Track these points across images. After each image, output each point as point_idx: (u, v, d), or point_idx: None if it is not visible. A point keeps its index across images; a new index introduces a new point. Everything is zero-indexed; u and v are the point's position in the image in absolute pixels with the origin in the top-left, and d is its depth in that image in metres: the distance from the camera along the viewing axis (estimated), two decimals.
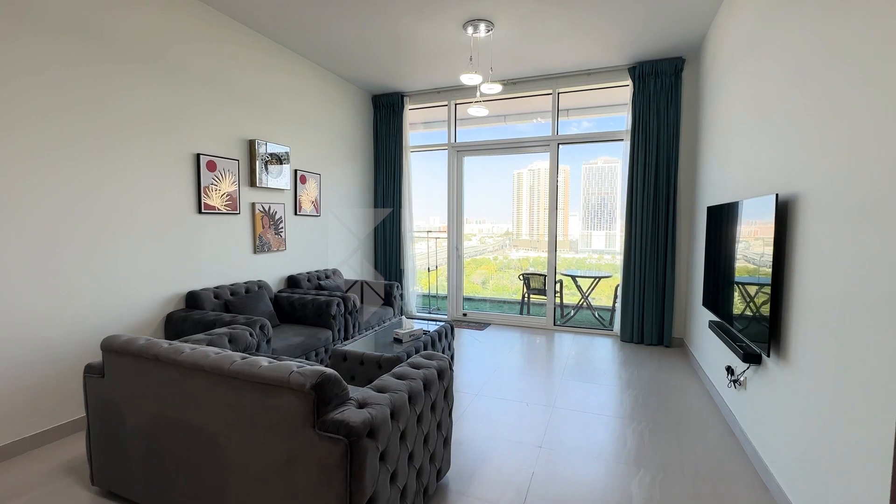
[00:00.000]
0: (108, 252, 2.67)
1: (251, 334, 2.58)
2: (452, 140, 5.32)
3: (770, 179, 2.15)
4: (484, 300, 7.06)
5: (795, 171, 1.86)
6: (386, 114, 5.40)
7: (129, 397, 1.80)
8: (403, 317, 3.16)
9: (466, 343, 4.46)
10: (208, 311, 3.08)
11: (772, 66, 2.18)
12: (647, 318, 4.40)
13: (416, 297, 5.64)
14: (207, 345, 2.30)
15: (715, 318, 2.94)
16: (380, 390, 1.65)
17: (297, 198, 4.19)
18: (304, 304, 3.56)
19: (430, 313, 5.80)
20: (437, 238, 6.06)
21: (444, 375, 1.98)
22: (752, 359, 2.21)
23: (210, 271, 3.33)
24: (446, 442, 2.04)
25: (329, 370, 1.46)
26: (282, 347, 3.00)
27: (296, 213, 4.20)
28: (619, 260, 4.49)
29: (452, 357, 3.58)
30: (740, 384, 2.51)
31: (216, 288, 3.28)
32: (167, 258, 3.01)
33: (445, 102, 5.28)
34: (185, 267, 3.14)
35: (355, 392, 1.61)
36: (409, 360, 1.96)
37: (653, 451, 2.37)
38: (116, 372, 1.84)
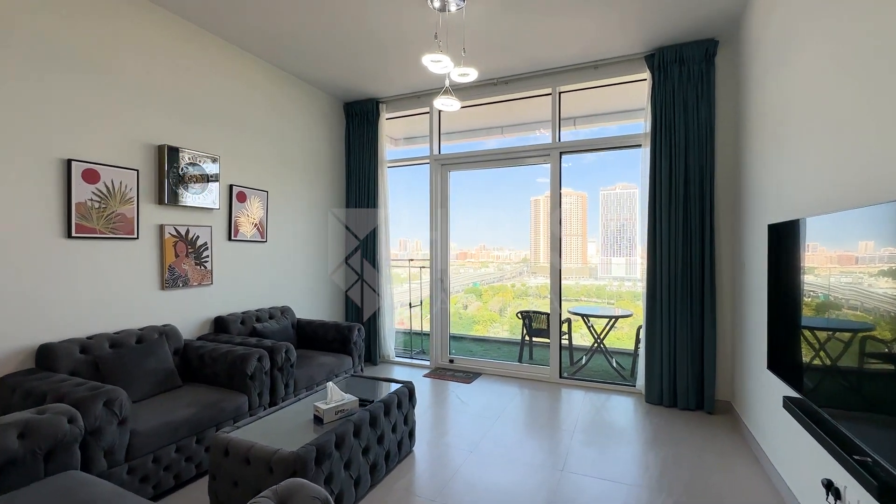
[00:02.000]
0: None
1: (72, 419, 1.70)
2: (436, 152, 4.51)
3: None
4: (478, 340, 6.07)
5: None
6: (359, 123, 4.64)
7: None
8: (331, 383, 2.23)
9: (445, 405, 3.48)
10: (63, 371, 2.23)
11: None
12: (679, 374, 3.35)
13: (394, 337, 4.71)
14: None
15: (795, 395, 1.92)
16: None
17: (232, 219, 3.38)
18: (216, 359, 2.67)
19: (412, 357, 4.84)
20: (420, 267, 5.17)
21: None
22: (892, 495, 1.20)
23: (86, 315, 2.50)
24: None
25: None
26: (155, 427, 2.10)
27: (230, 239, 3.38)
28: (640, 287, 3.53)
29: (412, 433, 2.61)
30: None
31: (90, 338, 2.43)
32: (9, 299, 2.20)
33: (427, 109, 4.50)
34: (41, 311, 2.32)
35: None
36: None
37: None
38: None
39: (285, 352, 2.84)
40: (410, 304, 5.19)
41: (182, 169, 2.97)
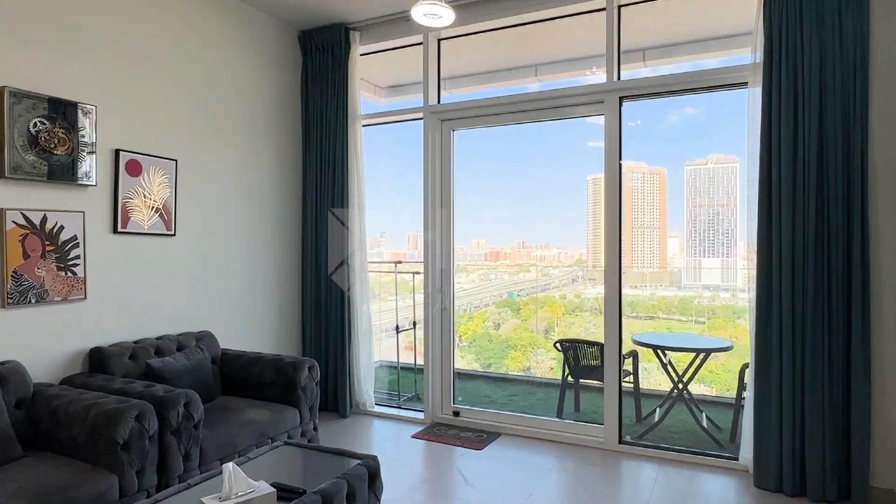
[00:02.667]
0: None
1: None
2: (433, 101, 4.14)
3: None
4: (497, 379, 5.71)
5: None
6: (322, 61, 4.36)
7: None
8: (231, 465, 1.86)
9: (441, 486, 3.12)
10: None
11: None
12: (810, 443, 2.92)
13: (373, 377, 4.39)
14: None
15: None
16: None
17: (119, 201, 3.09)
18: (73, 416, 2.36)
19: (399, 406, 4.52)
20: (413, 273, 4.88)
21: None
22: None
23: None
24: None
25: None
26: None
27: (116, 230, 3.09)
28: (740, 300, 3.14)
29: None
30: None
31: None
32: None
33: (419, 38, 4.14)
34: None
35: None
36: None
37: None
38: None
39: (184, 405, 2.51)
40: (398, 327, 4.85)
41: (35, 125, 2.67)
